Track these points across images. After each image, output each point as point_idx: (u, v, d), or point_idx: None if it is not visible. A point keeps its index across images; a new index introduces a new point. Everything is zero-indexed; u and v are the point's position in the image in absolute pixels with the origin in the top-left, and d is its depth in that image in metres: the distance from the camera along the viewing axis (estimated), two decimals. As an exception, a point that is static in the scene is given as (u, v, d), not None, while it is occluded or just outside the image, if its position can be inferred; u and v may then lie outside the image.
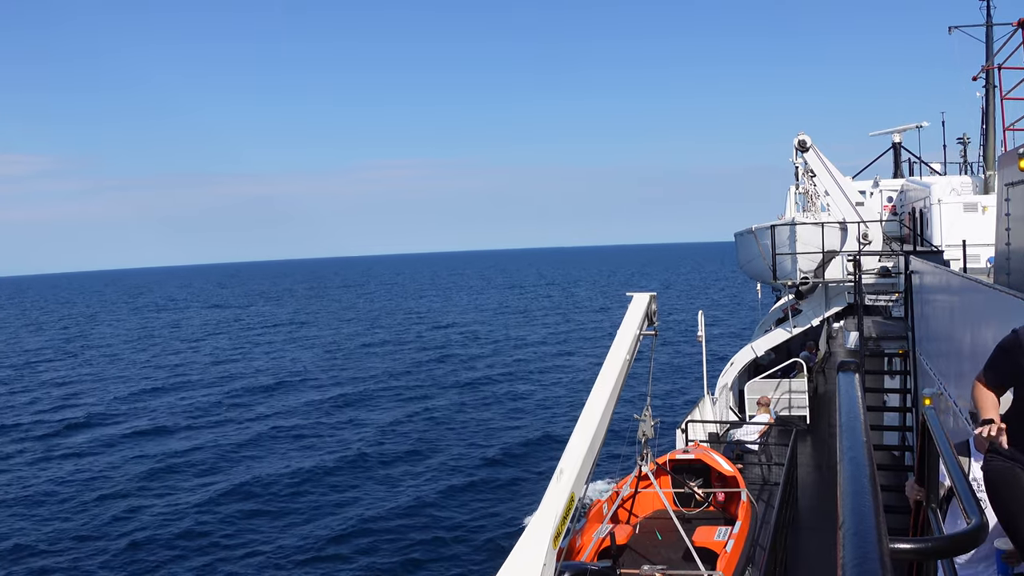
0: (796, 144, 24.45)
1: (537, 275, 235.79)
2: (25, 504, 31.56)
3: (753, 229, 24.90)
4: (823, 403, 26.77)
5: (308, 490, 31.87)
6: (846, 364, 4.01)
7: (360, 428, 42.19)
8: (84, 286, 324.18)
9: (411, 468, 34.31)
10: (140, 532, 28.03)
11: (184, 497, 31.54)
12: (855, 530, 1.86)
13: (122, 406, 51.12)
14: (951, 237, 22.82)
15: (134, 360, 74.26)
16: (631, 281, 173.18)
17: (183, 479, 34.09)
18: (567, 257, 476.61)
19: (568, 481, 10.96)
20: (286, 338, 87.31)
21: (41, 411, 50.67)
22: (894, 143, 37.07)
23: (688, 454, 17.23)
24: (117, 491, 32.71)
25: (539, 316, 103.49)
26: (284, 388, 55.41)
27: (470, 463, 34.84)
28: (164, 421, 45.71)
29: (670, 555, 13.99)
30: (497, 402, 47.74)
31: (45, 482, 34.45)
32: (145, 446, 40.13)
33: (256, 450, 38.37)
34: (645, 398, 14.44)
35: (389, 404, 48.26)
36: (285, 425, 43.30)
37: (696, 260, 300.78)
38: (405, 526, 27.64)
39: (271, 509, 29.76)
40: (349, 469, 34.55)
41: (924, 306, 15.88)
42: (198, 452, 38.26)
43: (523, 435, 39.35)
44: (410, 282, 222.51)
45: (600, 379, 12.68)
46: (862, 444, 2.51)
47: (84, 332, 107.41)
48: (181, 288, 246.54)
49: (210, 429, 43.36)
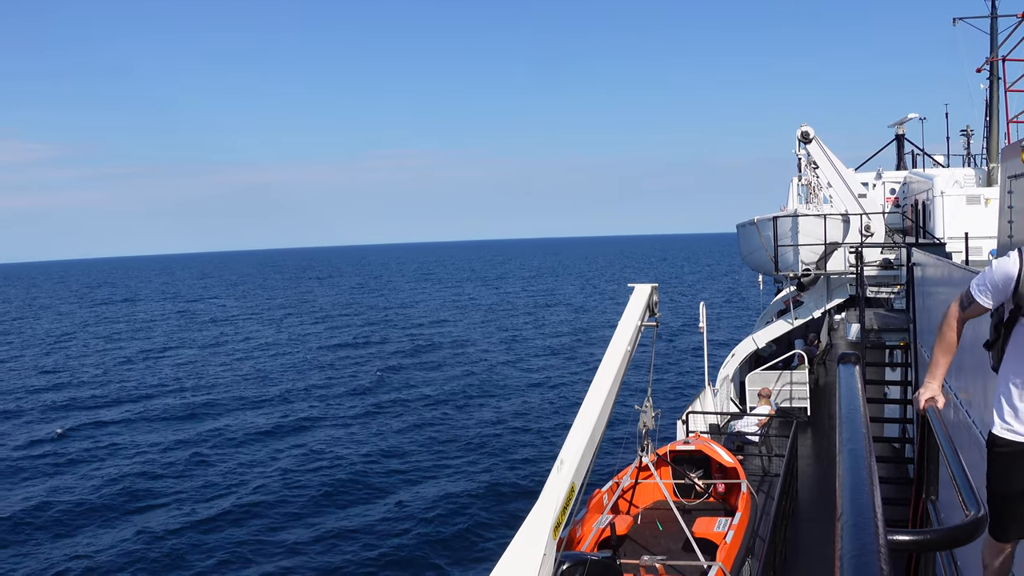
0: (799, 135, 24.41)
1: (536, 265, 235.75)
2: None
3: (755, 220, 24.88)
4: (824, 395, 26.79)
5: (300, 483, 31.94)
6: (847, 356, 4.02)
7: (354, 419, 42.26)
8: (54, 275, 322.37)
9: (410, 459, 34.35)
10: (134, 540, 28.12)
11: (182, 499, 31.64)
12: (853, 522, 1.86)
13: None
14: (953, 229, 22.83)
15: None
16: (632, 271, 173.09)
17: (167, 483, 34.16)
18: (568, 247, 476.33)
19: (568, 471, 10.98)
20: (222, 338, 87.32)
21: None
22: (897, 135, 37.07)
23: (689, 445, 17.25)
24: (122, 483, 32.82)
25: (538, 307, 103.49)
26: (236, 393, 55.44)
27: (469, 453, 34.88)
28: (145, 415, 45.80)
29: (670, 546, 14.02)
30: (497, 393, 47.76)
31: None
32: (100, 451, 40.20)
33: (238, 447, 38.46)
34: (646, 389, 14.46)
35: (387, 395, 48.31)
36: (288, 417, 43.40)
37: (698, 251, 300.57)
38: (404, 516, 27.69)
39: (276, 501, 29.84)
40: (346, 461, 34.60)
41: (926, 298, 15.86)
42: (178, 454, 38.33)
43: (524, 426, 39.38)
44: (407, 270, 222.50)
45: (601, 370, 12.68)
46: (862, 436, 2.52)
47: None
48: (158, 275, 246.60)
49: (182, 434, 43.43)
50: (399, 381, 52.38)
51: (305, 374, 56.52)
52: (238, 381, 54.53)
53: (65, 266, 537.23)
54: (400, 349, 67.13)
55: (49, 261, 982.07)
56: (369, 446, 36.46)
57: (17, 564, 24.97)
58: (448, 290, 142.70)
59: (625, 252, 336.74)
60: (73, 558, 25.11)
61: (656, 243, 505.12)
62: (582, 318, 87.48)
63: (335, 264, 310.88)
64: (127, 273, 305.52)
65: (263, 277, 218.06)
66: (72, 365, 65.40)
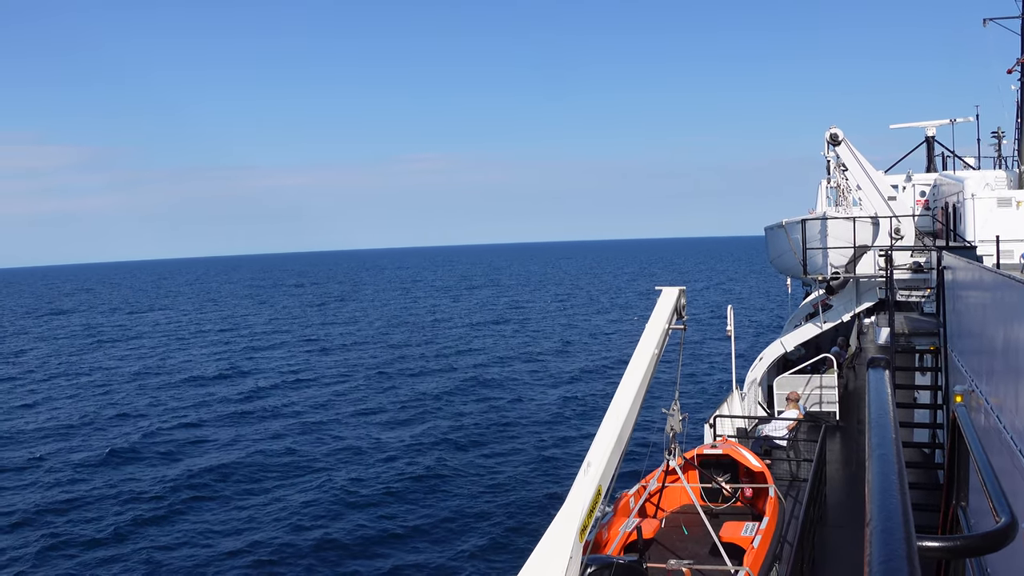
0: (828, 138, 24.19)
1: (560, 268, 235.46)
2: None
3: (784, 223, 24.68)
4: (853, 399, 26.55)
5: (326, 484, 32.11)
6: (876, 360, 3.99)
7: (383, 424, 42.42)
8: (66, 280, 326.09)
9: (437, 463, 34.43)
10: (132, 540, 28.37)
11: (192, 500, 31.89)
12: (882, 527, 1.86)
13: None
14: (984, 232, 22.56)
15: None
16: (658, 275, 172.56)
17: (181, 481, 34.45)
18: (590, 251, 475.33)
19: (595, 474, 10.97)
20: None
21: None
22: (927, 137, 36.69)
23: (716, 449, 17.15)
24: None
25: (565, 310, 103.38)
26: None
27: (497, 455, 34.92)
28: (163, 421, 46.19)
29: (697, 550, 13.95)
30: (524, 396, 47.77)
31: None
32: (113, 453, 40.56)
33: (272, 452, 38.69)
34: (673, 392, 14.41)
35: (411, 401, 48.45)
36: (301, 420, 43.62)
37: (725, 255, 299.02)
38: (432, 520, 27.78)
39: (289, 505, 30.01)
40: (375, 463, 34.76)
41: (956, 302, 15.70)
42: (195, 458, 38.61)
43: (550, 429, 39.38)
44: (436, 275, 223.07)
45: (628, 373, 12.67)
46: (891, 441, 2.51)
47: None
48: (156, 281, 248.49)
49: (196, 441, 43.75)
50: (421, 387, 52.56)
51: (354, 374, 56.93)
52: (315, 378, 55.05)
53: (92, 269, 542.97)
54: (425, 354, 67.38)
55: (73, 264, 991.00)
56: (394, 451, 36.60)
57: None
58: (469, 293, 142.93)
59: (652, 255, 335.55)
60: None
61: (680, 246, 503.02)
62: (609, 321, 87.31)
63: (357, 269, 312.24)
64: (156, 277, 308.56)
65: (319, 278, 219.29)
66: (149, 368, 66.28)
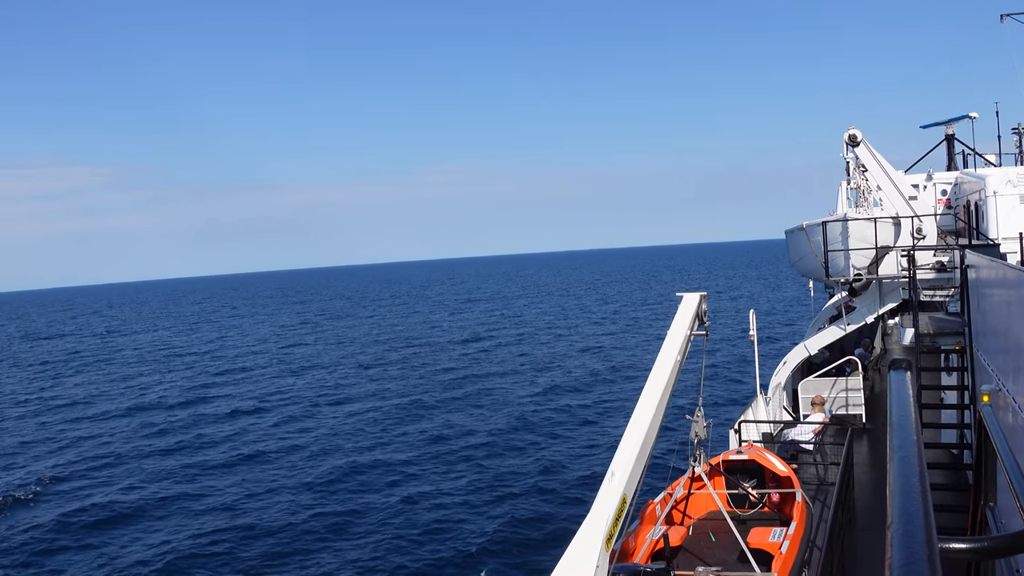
0: (847, 139, 24.08)
1: (580, 277, 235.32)
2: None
3: (804, 226, 24.56)
4: (879, 401, 26.35)
5: (353, 492, 32.18)
6: (897, 362, 3.97)
7: (405, 435, 42.48)
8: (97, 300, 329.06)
9: (463, 472, 34.44)
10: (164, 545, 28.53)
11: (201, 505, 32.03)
12: (903, 530, 1.84)
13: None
14: (1008, 229, 22.34)
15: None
16: (676, 281, 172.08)
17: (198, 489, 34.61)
18: (610, 258, 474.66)
19: (620, 482, 10.94)
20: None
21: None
22: (947, 135, 36.39)
23: (742, 454, 17.07)
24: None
25: (585, 318, 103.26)
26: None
27: (520, 465, 34.87)
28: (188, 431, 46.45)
29: (724, 556, 13.88)
30: (547, 404, 47.71)
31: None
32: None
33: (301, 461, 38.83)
34: (697, 399, 14.35)
35: (434, 409, 48.49)
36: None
37: (744, 259, 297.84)
38: (459, 528, 27.77)
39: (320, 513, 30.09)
40: (401, 474, 34.80)
41: (981, 301, 15.57)
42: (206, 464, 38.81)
43: (574, 437, 39.30)
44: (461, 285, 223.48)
45: (651, 380, 12.63)
46: (912, 443, 2.49)
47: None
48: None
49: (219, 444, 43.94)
50: (447, 393, 52.63)
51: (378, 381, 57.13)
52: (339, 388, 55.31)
53: (116, 289, 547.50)
54: (449, 366, 67.48)
55: (97, 285, 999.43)
56: (419, 456, 36.64)
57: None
58: (493, 302, 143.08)
59: (670, 261, 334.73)
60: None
61: (701, 252, 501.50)
62: (631, 327, 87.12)
63: (385, 281, 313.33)
64: (176, 295, 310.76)
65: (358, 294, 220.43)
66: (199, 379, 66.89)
